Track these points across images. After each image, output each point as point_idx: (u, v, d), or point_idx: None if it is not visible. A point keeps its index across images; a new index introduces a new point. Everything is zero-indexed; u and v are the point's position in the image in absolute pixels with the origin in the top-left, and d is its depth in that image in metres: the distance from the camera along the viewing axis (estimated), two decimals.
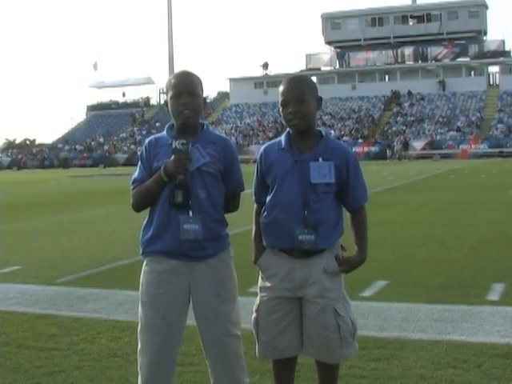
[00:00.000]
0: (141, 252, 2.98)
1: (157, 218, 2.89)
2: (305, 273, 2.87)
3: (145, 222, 2.97)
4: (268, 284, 2.94)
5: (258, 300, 2.99)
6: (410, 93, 61.52)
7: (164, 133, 2.99)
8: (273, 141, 3.04)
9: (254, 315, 2.98)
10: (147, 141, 3.00)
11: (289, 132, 2.96)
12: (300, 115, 2.85)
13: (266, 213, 2.95)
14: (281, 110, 2.92)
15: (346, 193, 2.93)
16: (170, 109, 2.92)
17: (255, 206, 3.08)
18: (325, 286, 2.87)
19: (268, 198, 2.94)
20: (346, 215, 3.04)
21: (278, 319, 2.91)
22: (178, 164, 2.79)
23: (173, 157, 2.81)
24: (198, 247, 2.85)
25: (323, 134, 2.95)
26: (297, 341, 2.95)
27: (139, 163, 2.97)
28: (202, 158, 2.86)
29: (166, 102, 2.97)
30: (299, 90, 2.87)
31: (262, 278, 3.00)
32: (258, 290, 3.01)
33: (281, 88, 2.92)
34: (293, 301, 2.92)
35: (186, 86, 2.88)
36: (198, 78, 2.96)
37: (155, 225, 2.89)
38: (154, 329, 2.86)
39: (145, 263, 2.97)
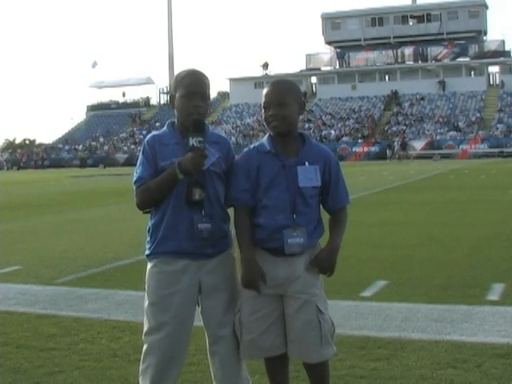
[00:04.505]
0: (148, 253, 2.94)
1: (168, 218, 2.86)
2: (287, 271, 2.88)
3: (152, 222, 2.93)
4: None
5: (240, 298, 2.97)
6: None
7: (165, 130, 2.96)
8: (252, 145, 3.02)
9: (238, 314, 2.96)
10: (149, 138, 2.94)
11: (270, 135, 2.96)
12: (280, 117, 2.87)
13: (255, 218, 2.93)
14: (263, 112, 2.93)
15: (327, 195, 2.95)
16: (177, 106, 2.90)
17: (237, 210, 2.95)
18: (307, 281, 2.88)
19: (257, 203, 2.91)
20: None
21: (260, 318, 2.91)
22: (196, 162, 2.76)
23: (189, 154, 2.76)
24: (210, 245, 2.88)
25: (305, 137, 2.97)
26: (280, 340, 2.94)
27: (142, 160, 2.90)
28: (212, 157, 2.87)
29: (171, 96, 2.94)
30: (280, 93, 2.89)
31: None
32: (242, 287, 2.98)
33: (264, 91, 2.94)
34: (275, 299, 2.91)
35: (198, 88, 2.87)
36: (208, 79, 2.95)
37: (166, 224, 2.87)
38: (164, 329, 2.84)
39: (152, 264, 2.93)
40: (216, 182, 2.91)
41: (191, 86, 2.86)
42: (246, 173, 2.92)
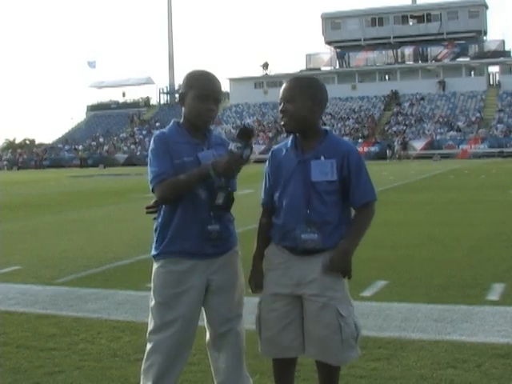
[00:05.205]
0: (155, 253, 2.94)
1: (178, 218, 2.87)
2: (304, 270, 2.87)
3: (160, 222, 2.93)
4: (268, 279, 2.96)
5: (261, 295, 3.01)
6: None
7: (172, 129, 2.95)
8: (282, 143, 3.05)
9: (257, 311, 2.99)
10: (160, 134, 2.92)
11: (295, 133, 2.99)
12: (287, 114, 2.88)
13: (274, 216, 2.97)
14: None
15: (349, 190, 2.91)
16: (188, 106, 2.90)
17: (261, 211, 3.06)
18: (325, 284, 2.86)
19: (275, 199, 2.96)
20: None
21: (278, 317, 2.91)
22: (229, 166, 2.76)
23: (226, 157, 2.77)
24: (217, 245, 2.91)
25: (326, 132, 2.95)
26: (298, 341, 2.94)
27: (158, 155, 2.85)
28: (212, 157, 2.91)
29: (181, 95, 2.93)
30: (289, 90, 2.89)
31: (265, 270, 3.00)
32: (263, 285, 3.02)
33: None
34: (293, 300, 2.91)
35: (214, 93, 2.91)
36: (220, 83, 3.00)
37: (176, 225, 2.88)
38: (171, 328, 2.86)
39: (159, 264, 2.93)
40: (224, 182, 2.94)
41: (207, 88, 2.89)
42: (268, 173, 3.00)
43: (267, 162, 3.02)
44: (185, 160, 2.84)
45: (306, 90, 2.88)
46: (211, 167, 2.78)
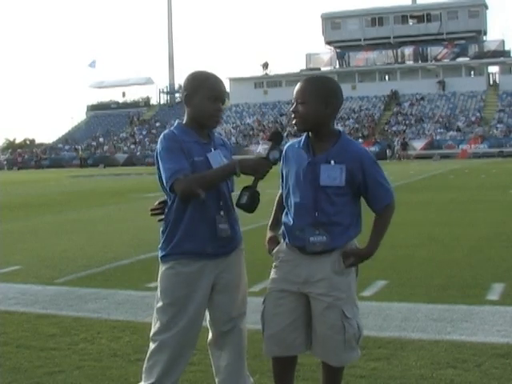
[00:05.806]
0: (163, 254, 2.93)
1: (187, 218, 2.87)
2: (312, 269, 2.87)
3: (169, 222, 2.91)
4: (275, 275, 2.97)
5: (266, 293, 3.01)
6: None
7: (178, 129, 2.94)
8: (296, 140, 3.04)
9: (262, 307, 2.99)
10: (170, 133, 2.91)
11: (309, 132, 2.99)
12: (298, 115, 2.88)
13: (284, 216, 2.99)
14: None
15: (367, 195, 2.89)
16: (197, 106, 2.91)
17: (278, 193, 3.12)
18: (332, 284, 2.86)
19: (286, 197, 2.98)
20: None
21: (282, 314, 2.91)
22: (255, 167, 2.79)
23: (253, 158, 2.82)
24: (225, 245, 2.93)
25: (340, 135, 2.93)
26: (301, 339, 2.94)
27: (171, 153, 2.82)
28: (220, 158, 2.96)
29: (187, 96, 2.92)
30: (301, 92, 2.88)
31: (274, 266, 3.01)
32: (269, 281, 3.03)
33: None
34: (299, 297, 2.91)
35: (222, 94, 2.96)
36: None
37: (185, 225, 2.88)
38: (177, 327, 2.87)
39: (168, 266, 2.91)
40: (229, 183, 2.98)
41: (216, 89, 2.93)
42: (282, 169, 3.03)
43: (282, 157, 3.02)
44: (195, 160, 2.85)
45: (318, 93, 2.86)
46: (238, 166, 2.79)
